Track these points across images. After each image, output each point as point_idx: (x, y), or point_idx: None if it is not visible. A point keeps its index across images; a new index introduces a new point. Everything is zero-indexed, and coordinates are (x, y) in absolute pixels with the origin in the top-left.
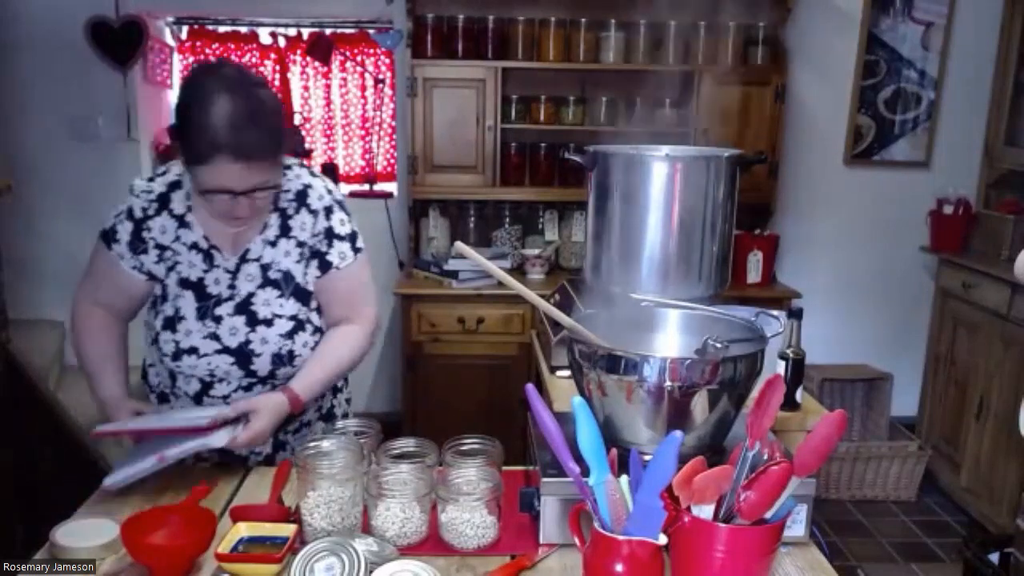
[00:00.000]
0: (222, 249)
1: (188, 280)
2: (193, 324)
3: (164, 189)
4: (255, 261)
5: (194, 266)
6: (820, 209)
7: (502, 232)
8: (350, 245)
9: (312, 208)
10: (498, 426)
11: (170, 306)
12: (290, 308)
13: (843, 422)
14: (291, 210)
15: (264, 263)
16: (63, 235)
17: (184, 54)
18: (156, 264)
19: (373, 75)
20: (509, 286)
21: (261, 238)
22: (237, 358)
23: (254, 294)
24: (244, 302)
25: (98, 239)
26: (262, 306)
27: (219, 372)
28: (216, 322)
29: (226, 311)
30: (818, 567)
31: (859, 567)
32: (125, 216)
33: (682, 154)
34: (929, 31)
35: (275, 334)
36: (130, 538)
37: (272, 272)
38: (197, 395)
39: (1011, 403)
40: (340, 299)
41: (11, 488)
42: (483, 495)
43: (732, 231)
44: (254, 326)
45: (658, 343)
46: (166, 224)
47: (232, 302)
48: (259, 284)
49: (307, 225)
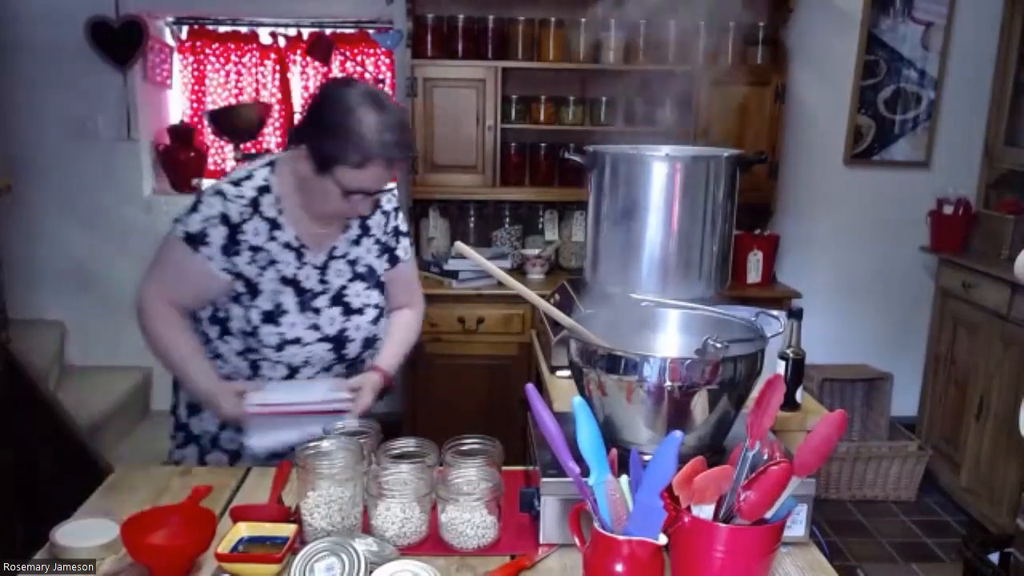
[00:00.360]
0: (310, 247)
1: (287, 277)
2: (296, 317)
3: (254, 194)
4: (342, 258)
5: (288, 264)
6: (820, 209)
7: (502, 232)
8: (409, 240)
9: (384, 209)
10: (498, 426)
11: (268, 302)
12: (375, 298)
13: (843, 422)
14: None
15: (351, 259)
16: (63, 235)
17: (184, 54)
18: (248, 265)
19: (373, 75)
20: (509, 286)
21: (345, 237)
22: (334, 345)
23: (346, 287)
24: (338, 294)
25: (178, 242)
26: (354, 297)
27: (315, 359)
28: (316, 313)
29: (323, 303)
30: (818, 567)
31: (859, 567)
32: (219, 221)
33: (682, 154)
34: (929, 31)
35: (366, 321)
36: (130, 538)
37: (359, 267)
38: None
39: (1011, 403)
40: (403, 288)
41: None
42: (483, 495)
43: (732, 231)
44: (349, 315)
45: (658, 343)
46: (259, 227)
47: (326, 295)
48: (349, 278)
49: (381, 224)
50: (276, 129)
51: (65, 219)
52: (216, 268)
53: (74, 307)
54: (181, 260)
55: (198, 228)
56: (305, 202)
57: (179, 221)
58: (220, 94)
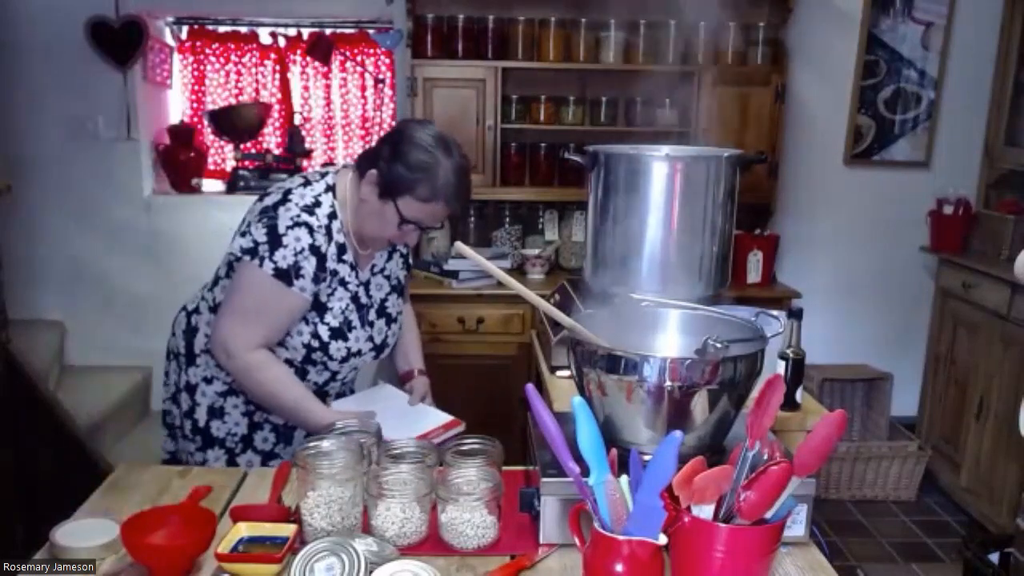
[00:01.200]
0: (359, 267)
1: (354, 295)
2: (360, 332)
3: (327, 221)
4: (380, 273)
5: (352, 283)
6: (820, 209)
7: (502, 232)
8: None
9: None
10: (498, 426)
11: (336, 319)
12: (401, 305)
13: (843, 422)
14: None
15: (387, 274)
16: (63, 235)
17: (184, 54)
18: (328, 287)
19: (373, 75)
20: (509, 286)
21: (380, 254)
22: (377, 351)
23: (386, 299)
24: (381, 307)
25: (268, 279)
26: (392, 308)
27: (361, 364)
28: (371, 327)
29: (374, 316)
30: (818, 567)
31: (859, 567)
32: (309, 252)
33: (682, 154)
34: (929, 31)
35: (398, 327)
36: (130, 538)
37: (392, 280)
38: (325, 383)
39: (1011, 403)
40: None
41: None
42: (483, 495)
43: (732, 231)
44: (389, 324)
45: (658, 343)
46: (333, 251)
47: (373, 308)
48: (388, 291)
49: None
50: (276, 129)
51: (65, 219)
52: (308, 295)
53: (74, 307)
54: (271, 297)
55: (291, 262)
56: (359, 224)
57: (260, 257)
58: (220, 94)
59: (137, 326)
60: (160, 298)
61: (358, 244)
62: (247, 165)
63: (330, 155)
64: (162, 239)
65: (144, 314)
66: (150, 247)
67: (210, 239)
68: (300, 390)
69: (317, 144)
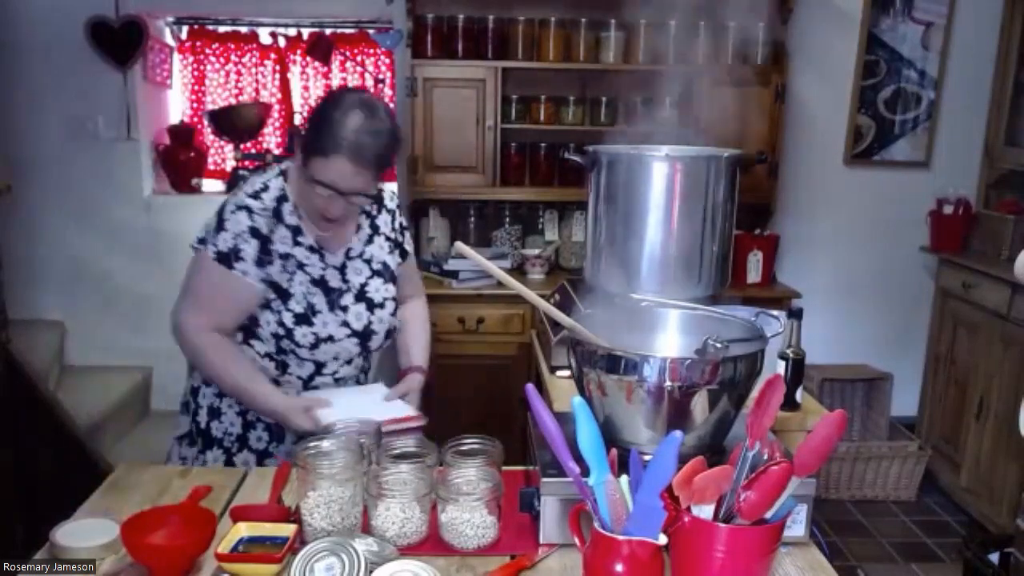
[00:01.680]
0: (328, 249)
1: (315, 279)
2: (328, 316)
3: (275, 204)
4: (359, 257)
5: (315, 266)
6: (820, 209)
7: (502, 232)
8: (410, 233)
9: (388, 208)
10: (498, 426)
11: (299, 304)
12: (392, 291)
13: (843, 422)
14: (373, 211)
15: (367, 258)
16: (63, 235)
17: (184, 54)
18: (280, 272)
19: (373, 75)
20: (509, 286)
21: (358, 238)
22: (361, 339)
23: (367, 284)
24: (360, 291)
25: (210, 262)
26: (375, 292)
27: (343, 353)
28: (344, 311)
29: (349, 301)
30: (818, 567)
31: (859, 567)
32: (248, 235)
33: (682, 154)
34: (929, 31)
35: (387, 314)
36: (130, 538)
37: (375, 264)
38: (310, 376)
39: (1011, 403)
40: (410, 278)
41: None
42: (483, 495)
43: (732, 231)
44: (373, 310)
45: (658, 343)
46: (284, 235)
47: (350, 293)
48: (368, 275)
49: (388, 222)
50: (276, 129)
51: (65, 219)
52: (253, 280)
53: (74, 307)
54: (218, 280)
55: (230, 245)
56: (299, 202)
57: (205, 241)
58: (220, 94)
59: (137, 326)
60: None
61: (317, 226)
62: (247, 165)
63: None
64: (162, 239)
65: (144, 314)
66: (150, 247)
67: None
68: (247, 372)
69: None
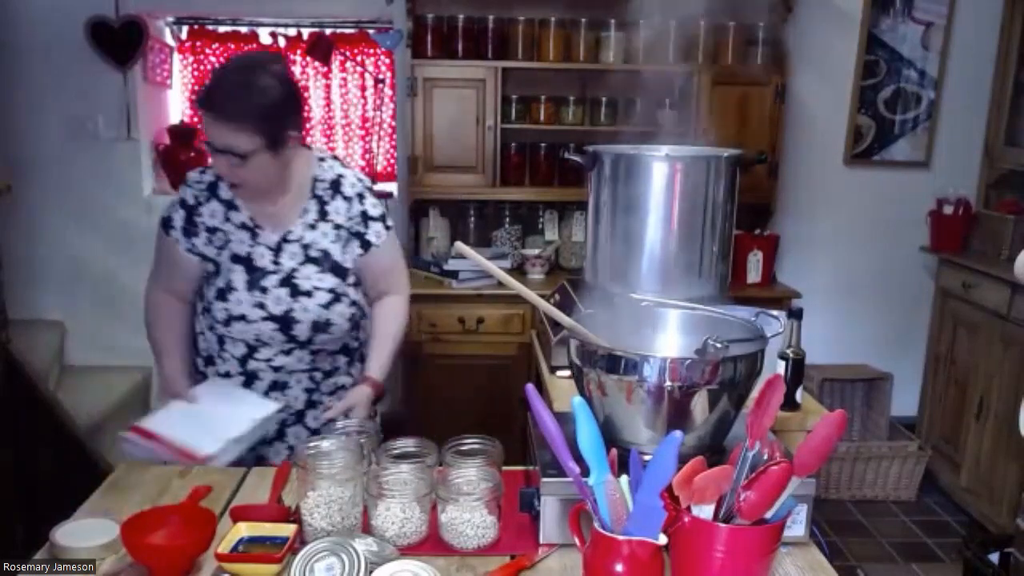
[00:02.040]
0: (265, 228)
1: (238, 255)
2: (243, 295)
3: (212, 179)
4: (297, 241)
5: (242, 243)
6: (820, 209)
7: (502, 232)
8: (383, 224)
9: (346, 195)
10: (498, 426)
11: (222, 279)
12: (328, 282)
13: (843, 422)
14: (327, 197)
15: (305, 243)
16: (63, 235)
17: (184, 54)
18: (207, 245)
19: (373, 75)
20: (509, 286)
21: (302, 221)
22: (280, 324)
23: (297, 269)
24: (288, 276)
25: (159, 228)
26: (304, 280)
27: (264, 337)
28: (263, 293)
29: (272, 283)
30: (818, 567)
31: (859, 567)
32: (179, 205)
33: (682, 154)
34: (929, 31)
35: (315, 304)
36: (130, 538)
37: (312, 251)
38: (243, 358)
39: (1011, 403)
40: (382, 272)
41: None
42: (483, 495)
43: (732, 231)
44: (296, 297)
45: (658, 343)
46: (215, 208)
47: (277, 276)
48: (301, 261)
49: (342, 210)
50: None
51: (65, 219)
52: (182, 249)
53: (74, 307)
54: (160, 245)
55: (167, 214)
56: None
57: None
58: None
59: (138, 326)
60: None
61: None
62: None
63: None
64: None
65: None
66: (150, 247)
67: None
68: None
69: (317, 144)
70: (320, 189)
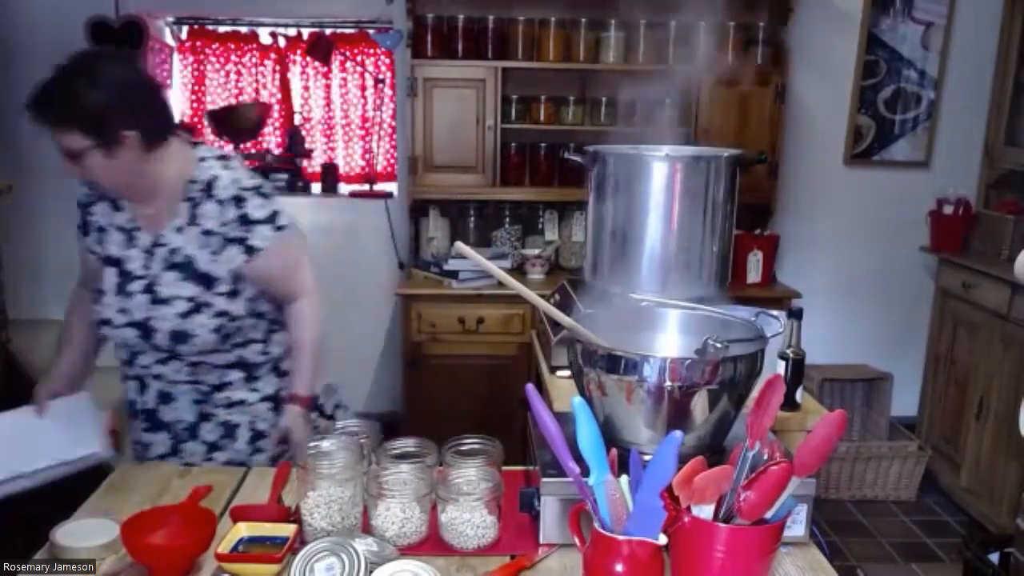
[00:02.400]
0: (142, 230)
1: (111, 258)
2: (111, 298)
3: None
4: (165, 246)
5: (117, 245)
6: (820, 209)
7: (502, 232)
8: (271, 226)
9: (219, 198)
10: (498, 426)
11: (99, 281)
12: (189, 291)
13: (843, 422)
14: (199, 199)
15: (172, 248)
16: (63, 235)
17: (184, 54)
18: (97, 245)
19: (373, 75)
20: (509, 286)
21: (172, 225)
22: (140, 332)
23: (159, 276)
24: (152, 282)
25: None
26: (164, 287)
27: (129, 343)
28: (127, 298)
29: (137, 288)
30: (818, 567)
31: (859, 567)
32: (77, 204)
33: (682, 154)
34: (929, 31)
35: (172, 313)
36: (130, 538)
37: (177, 257)
38: (128, 362)
39: (1011, 403)
40: (277, 276)
41: None
42: (483, 495)
43: (732, 231)
44: (156, 304)
45: (658, 343)
46: (104, 208)
47: (143, 281)
48: (164, 267)
49: (214, 214)
50: (276, 129)
51: (65, 219)
52: (81, 247)
53: None
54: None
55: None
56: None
57: None
58: (220, 94)
59: None
60: None
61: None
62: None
63: (330, 155)
64: None
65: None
66: None
67: None
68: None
69: (317, 144)
70: (193, 191)
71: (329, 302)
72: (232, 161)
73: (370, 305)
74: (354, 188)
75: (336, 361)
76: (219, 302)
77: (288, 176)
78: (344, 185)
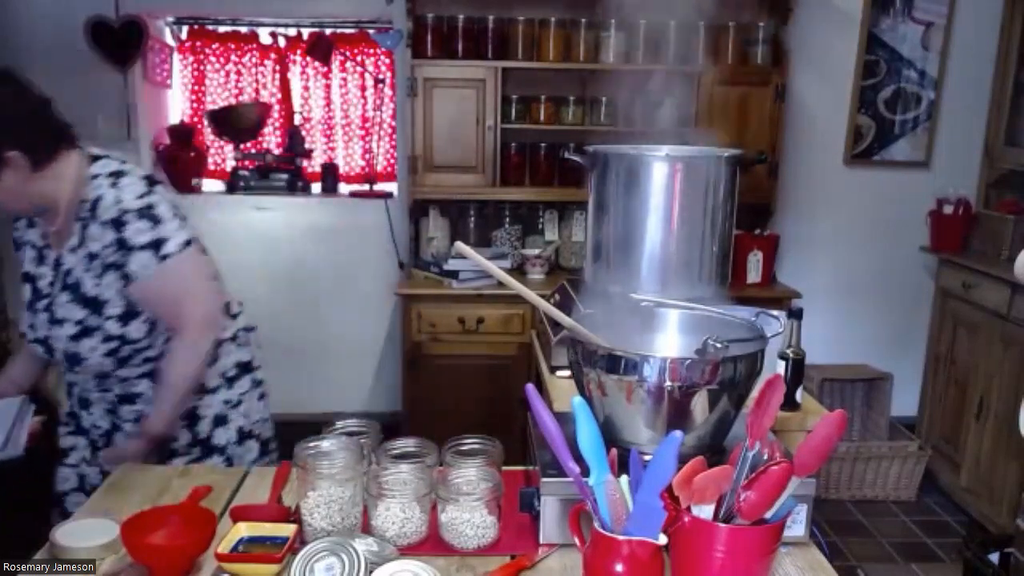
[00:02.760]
0: (52, 248)
1: (27, 274)
2: (25, 314)
3: None
4: (62, 266)
5: (31, 261)
6: (820, 209)
7: (502, 232)
8: (152, 253)
9: (101, 220)
10: (498, 426)
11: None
12: (77, 314)
13: (843, 422)
14: (88, 220)
15: (67, 269)
16: None
17: (184, 54)
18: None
19: (373, 75)
20: (509, 286)
21: (68, 245)
22: (44, 350)
23: (56, 296)
24: (51, 302)
25: None
26: (58, 307)
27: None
28: (34, 315)
29: (42, 306)
30: (818, 567)
31: (859, 567)
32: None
33: (682, 154)
34: (929, 31)
35: (63, 335)
36: (130, 538)
37: (70, 278)
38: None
39: (1011, 403)
40: (159, 305)
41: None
42: (483, 495)
43: (732, 231)
44: (52, 324)
45: (658, 343)
46: (22, 224)
47: (47, 300)
48: (60, 287)
49: (97, 236)
50: (276, 129)
51: None
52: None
53: None
54: None
55: None
56: None
57: None
58: (220, 94)
59: None
60: None
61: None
62: (247, 165)
63: (330, 155)
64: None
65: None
66: None
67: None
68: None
69: (317, 144)
70: (83, 211)
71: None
72: (124, 178)
73: (370, 305)
74: (354, 188)
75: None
76: (109, 326)
77: (288, 176)
78: (344, 185)
